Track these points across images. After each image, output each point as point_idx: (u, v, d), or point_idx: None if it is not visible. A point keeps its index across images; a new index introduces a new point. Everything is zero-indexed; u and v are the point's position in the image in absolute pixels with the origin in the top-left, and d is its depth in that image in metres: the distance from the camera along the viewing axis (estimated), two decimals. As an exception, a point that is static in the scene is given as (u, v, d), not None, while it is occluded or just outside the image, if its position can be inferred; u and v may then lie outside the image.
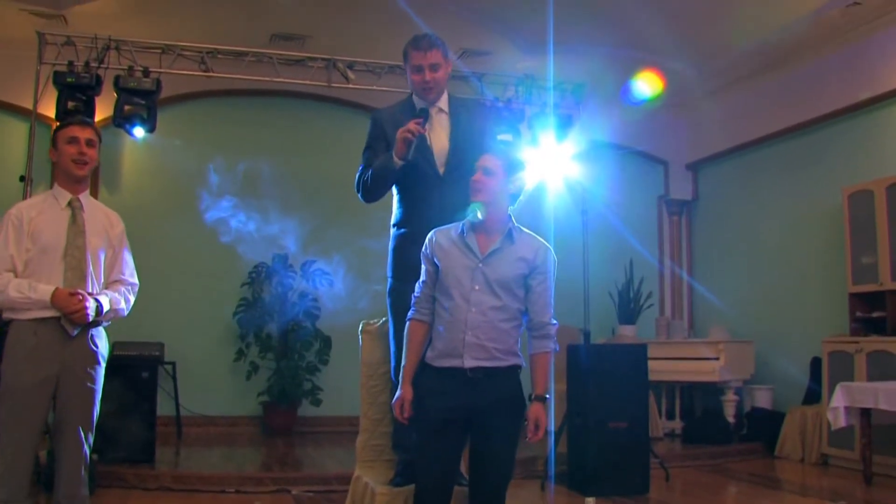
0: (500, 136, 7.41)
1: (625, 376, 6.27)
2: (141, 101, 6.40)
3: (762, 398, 8.56)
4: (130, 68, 6.46)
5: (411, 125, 3.56)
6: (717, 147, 9.76)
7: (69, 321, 3.44)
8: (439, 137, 3.82)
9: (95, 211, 3.69)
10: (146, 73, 6.45)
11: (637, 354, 6.45)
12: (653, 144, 10.22)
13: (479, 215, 3.28)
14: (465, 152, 3.76)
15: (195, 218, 8.55)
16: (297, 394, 8.53)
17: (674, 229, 10.38)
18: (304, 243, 8.84)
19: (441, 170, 3.78)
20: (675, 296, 10.30)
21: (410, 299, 3.56)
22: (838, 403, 6.42)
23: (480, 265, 3.22)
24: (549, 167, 8.02)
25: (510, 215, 3.34)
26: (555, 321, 3.32)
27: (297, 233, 8.96)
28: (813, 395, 7.96)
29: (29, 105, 6.60)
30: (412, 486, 3.34)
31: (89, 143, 3.61)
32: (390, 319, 3.82)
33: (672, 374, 8.58)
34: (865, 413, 6.37)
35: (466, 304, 3.19)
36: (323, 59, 7.04)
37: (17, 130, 8.28)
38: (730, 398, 8.55)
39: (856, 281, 7.39)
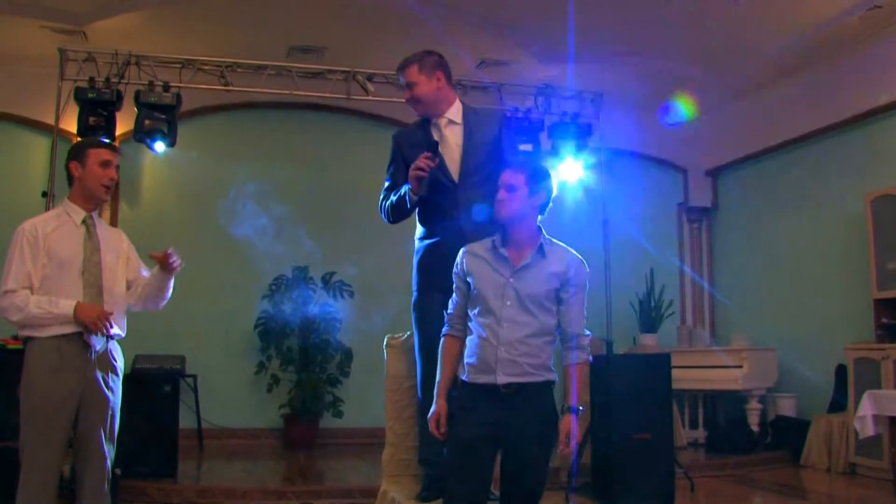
0: (522, 147, 7.40)
1: (648, 387, 6.24)
2: (161, 116, 6.42)
3: (786, 407, 8.48)
4: (151, 83, 6.48)
5: (421, 162, 3.56)
6: (736, 153, 9.71)
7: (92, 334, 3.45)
8: (452, 149, 3.82)
9: (104, 228, 3.74)
10: (166, 87, 6.48)
11: (660, 365, 6.41)
12: (672, 152, 10.19)
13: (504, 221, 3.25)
14: (478, 161, 3.78)
15: (215, 231, 8.59)
16: (318, 406, 8.53)
17: (694, 237, 10.32)
18: (324, 255, 8.86)
19: (456, 179, 3.78)
20: (697, 304, 10.24)
21: (435, 312, 3.55)
22: (866, 412, 6.31)
23: (511, 280, 3.19)
24: (569, 176, 7.99)
25: (540, 228, 3.30)
26: (588, 332, 3.28)
27: (317, 245, 8.97)
28: (838, 404, 7.87)
29: (50, 121, 6.63)
30: (439, 501, 3.31)
31: (117, 168, 3.67)
32: (415, 333, 3.82)
33: (694, 383, 8.52)
34: (894, 422, 6.28)
35: (498, 320, 3.15)
36: (342, 72, 7.04)
37: (39, 146, 8.36)
38: (753, 406, 8.48)
39: (881, 287, 7.32)
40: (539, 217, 3.31)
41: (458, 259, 3.33)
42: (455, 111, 3.88)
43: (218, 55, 6.84)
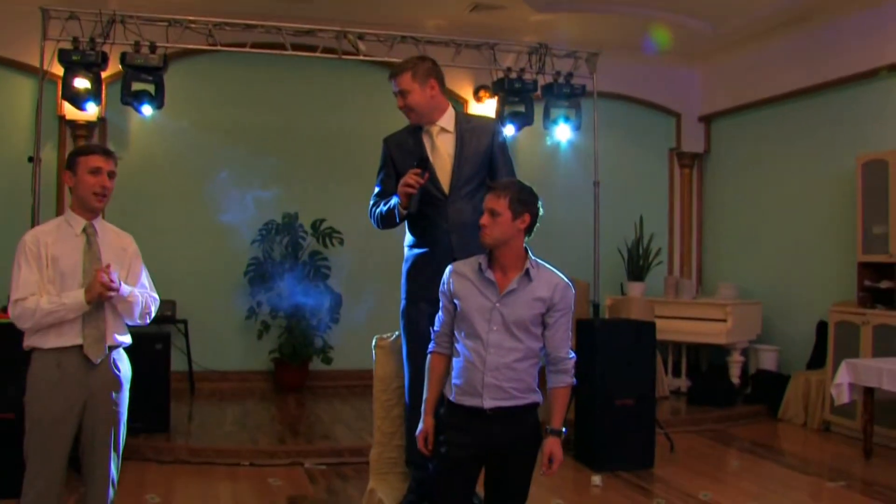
0: (514, 109, 7.34)
1: (633, 353, 6.36)
2: (148, 78, 6.31)
3: (767, 360, 8.66)
4: (137, 44, 6.33)
5: (410, 178, 3.56)
6: (731, 102, 9.64)
7: (92, 347, 3.47)
8: (443, 159, 3.82)
9: (108, 235, 3.68)
10: (153, 49, 6.34)
11: (645, 332, 6.52)
12: (665, 96, 10.10)
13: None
14: (469, 173, 3.79)
15: (204, 176, 8.56)
16: (308, 353, 8.65)
17: (685, 183, 10.32)
18: (314, 201, 8.86)
19: (446, 190, 3.79)
20: (685, 251, 10.31)
21: (423, 322, 3.61)
22: (842, 380, 6.50)
23: (497, 305, 3.20)
24: (561, 135, 7.95)
25: (527, 249, 3.31)
26: (572, 354, 3.32)
27: (307, 191, 8.97)
28: (817, 360, 8.05)
29: (35, 62, 6.51)
30: (424, 504, 3.43)
31: (111, 175, 3.59)
32: (403, 340, 3.88)
33: (679, 335, 8.66)
34: (869, 390, 6.46)
35: (484, 345, 3.19)
36: (333, 31, 6.89)
37: (24, 87, 8.22)
38: (735, 359, 8.67)
39: (866, 250, 7.39)
40: (526, 238, 3.30)
41: (445, 277, 3.34)
42: (447, 119, 3.85)
43: (205, 12, 6.67)
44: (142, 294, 3.67)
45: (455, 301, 3.29)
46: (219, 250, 8.66)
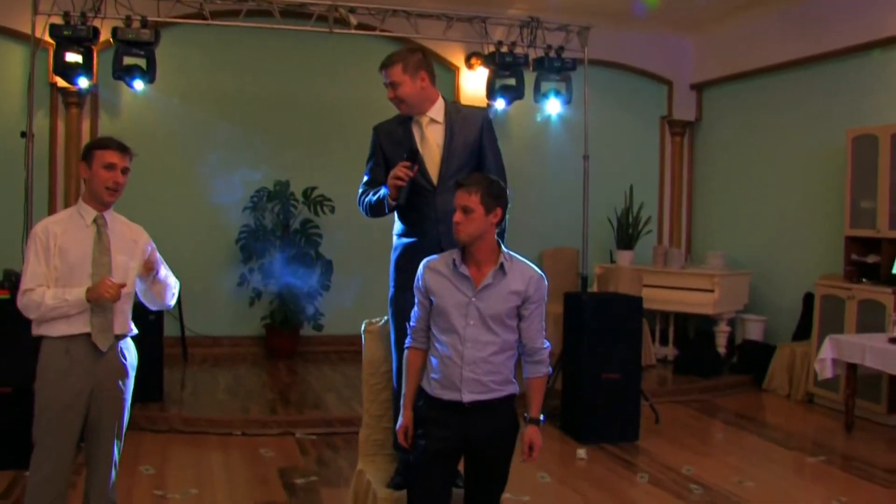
0: (505, 83, 7.34)
1: (619, 328, 6.43)
2: (140, 52, 6.28)
3: (754, 330, 8.77)
4: (128, 18, 6.29)
5: (400, 171, 3.59)
6: (723, 71, 9.62)
7: (99, 336, 3.52)
8: (432, 149, 3.84)
9: (119, 227, 3.70)
10: (144, 23, 6.30)
11: (632, 307, 6.60)
12: (657, 64, 10.07)
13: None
14: (458, 164, 3.82)
15: (196, 144, 8.58)
16: (299, 319, 8.73)
17: (675, 151, 10.34)
18: (305, 170, 8.88)
19: (435, 181, 3.82)
20: (674, 220, 10.37)
21: (411, 309, 3.66)
22: (826, 355, 6.61)
23: (473, 300, 3.25)
24: (552, 108, 7.95)
25: (500, 243, 3.34)
26: (547, 344, 3.38)
27: (298, 159, 8.97)
28: (803, 331, 8.16)
29: (26, 29, 6.46)
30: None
31: (124, 171, 3.60)
32: (391, 326, 3.94)
33: (667, 305, 8.76)
34: (852, 366, 6.57)
35: (462, 340, 3.24)
36: (325, 4, 6.84)
37: (15, 54, 8.18)
38: (722, 329, 8.78)
39: (854, 224, 7.45)
40: (497, 230, 3.31)
41: (419, 274, 3.38)
42: (437, 110, 3.87)
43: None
44: (167, 274, 3.77)
45: (431, 297, 3.33)
46: (211, 218, 8.68)
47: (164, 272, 3.73)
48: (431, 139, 3.84)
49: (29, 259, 3.54)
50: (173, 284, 3.84)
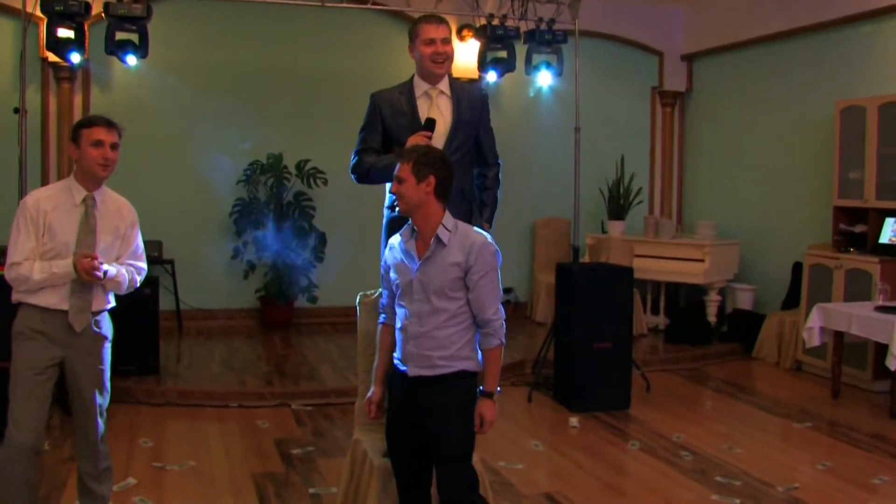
0: (497, 55, 7.38)
1: (611, 298, 6.51)
2: (132, 27, 6.27)
3: (744, 299, 8.87)
4: (120, -8, 6.30)
5: (420, 139, 3.61)
6: (714, 41, 9.63)
7: (76, 317, 3.58)
8: (440, 120, 3.88)
9: (108, 205, 3.74)
10: (136, -2, 6.31)
11: (624, 277, 6.67)
12: (648, 35, 10.07)
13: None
14: (461, 140, 3.88)
15: (190, 117, 8.58)
16: (293, 291, 8.79)
17: (666, 122, 10.38)
18: (298, 142, 8.89)
19: None
20: (665, 190, 10.43)
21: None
22: (814, 324, 6.71)
23: (417, 274, 3.24)
24: (544, 80, 7.97)
25: (448, 214, 3.28)
26: (502, 313, 3.30)
27: (291, 132, 8.98)
28: (792, 300, 8.26)
29: (16, 3, 6.44)
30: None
31: (114, 146, 3.61)
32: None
33: (658, 274, 8.83)
34: (839, 334, 6.67)
35: (408, 315, 3.27)
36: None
37: (5, 29, 8.16)
38: (713, 298, 8.87)
39: (842, 195, 7.52)
40: (442, 203, 3.25)
41: (383, 251, 3.46)
42: (445, 83, 3.96)
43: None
44: (127, 271, 3.75)
45: (391, 274, 3.39)
46: (204, 191, 8.71)
47: (115, 270, 3.67)
48: (439, 111, 3.89)
49: (18, 231, 3.58)
50: (130, 280, 3.76)
